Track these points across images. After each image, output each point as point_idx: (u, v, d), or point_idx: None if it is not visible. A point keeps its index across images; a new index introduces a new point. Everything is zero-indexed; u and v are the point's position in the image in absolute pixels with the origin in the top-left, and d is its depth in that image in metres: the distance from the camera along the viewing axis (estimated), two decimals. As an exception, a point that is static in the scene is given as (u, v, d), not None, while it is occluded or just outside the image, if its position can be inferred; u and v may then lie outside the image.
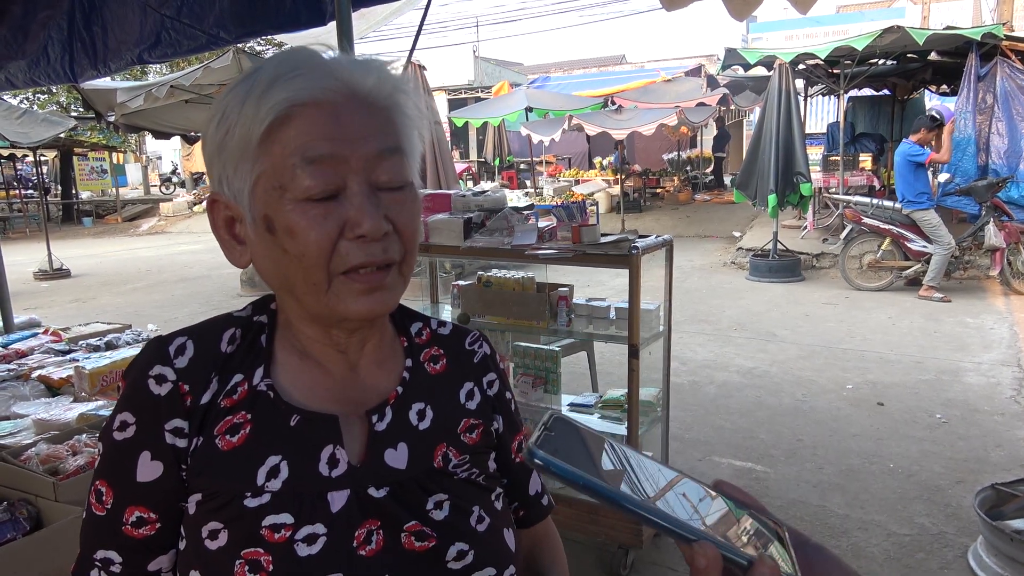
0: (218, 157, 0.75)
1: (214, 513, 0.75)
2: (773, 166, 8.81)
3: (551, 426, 0.58)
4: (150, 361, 0.79)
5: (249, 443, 0.77)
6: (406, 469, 0.80)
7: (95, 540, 0.79)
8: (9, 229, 19.61)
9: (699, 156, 20.17)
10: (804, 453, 4.17)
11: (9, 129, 9.58)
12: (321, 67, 0.73)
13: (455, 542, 0.79)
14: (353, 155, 0.72)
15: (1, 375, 3.27)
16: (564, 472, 0.54)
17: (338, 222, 0.72)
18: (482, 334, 0.99)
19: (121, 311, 8.51)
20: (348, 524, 0.76)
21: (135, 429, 0.77)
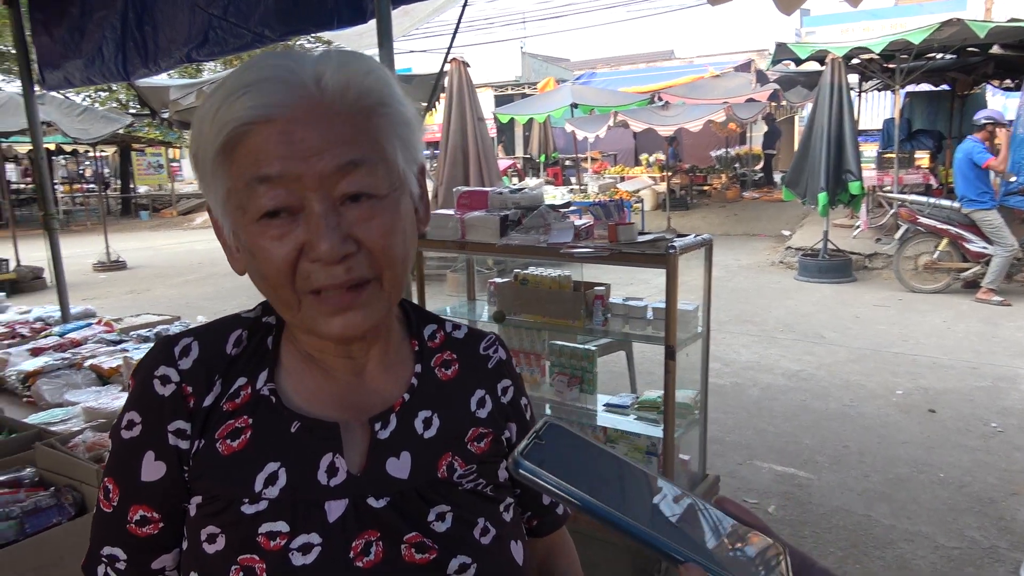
0: (198, 172, 0.74)
1: (212, 517, 0.75)
2: (824, 163, 8.58)
3: (543, 434, 0.55)
4: (156, 361, 0.79)
5: (249, 448, 0.76)
6: (408, 479, 0.78)
7: (102, 536, 0.80)
8: (72, 222, 20.35)
9: (748, 153, 19.79)
10: (850, 460, 4.05)
11: (70, 126, 9.93)
12: (277, 80, 0.68)
13: (457, 555, 0.77)
14: (307, 173, 0.68)
15: (56, 364, 3.38)
16: (550, 484, 0.51)
17: (296, 243, 0.69)
18: (498, 338, 0.95)
19: (173, 303, 8.76)
20: (344, 534, 0.74)
21: (140, 429, 0.77)
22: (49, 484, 2.10)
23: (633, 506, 0.52)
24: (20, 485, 2.06)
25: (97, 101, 19.45)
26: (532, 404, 0.96)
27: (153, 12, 3.71)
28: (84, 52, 4.13)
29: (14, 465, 2.17)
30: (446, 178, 8.57)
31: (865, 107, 13.90)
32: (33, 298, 9.11)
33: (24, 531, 1.85)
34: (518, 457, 0.52)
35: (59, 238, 4.53)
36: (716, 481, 3.34)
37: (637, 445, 3.13)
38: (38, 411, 2.90)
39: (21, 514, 1.88)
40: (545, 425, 0.56)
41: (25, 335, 4.16)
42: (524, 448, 0.53)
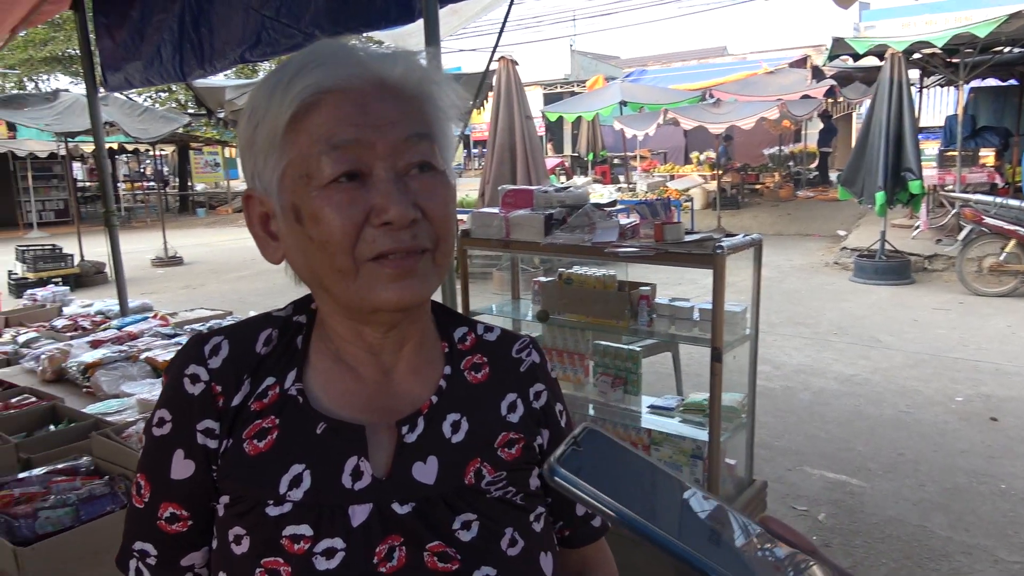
0: (249, 152, 0.75)
1: (239, 518, 0.75)
2: (882, 162, 8.32)
3: (581, 441, 0.52)
4: (186, 360, 0.79)
5: (275, 449, 0.76)
6: (434, 485, 0.77)
7: (134, 531, 0.80)
8: (132, 219, 21.07)
9: (803, 151, 19.34)
10: (905, 468, 3.92)
11: (131, 125, 10.27)
12: (348, 56, 0.72)
13: (481, 566, 0.75)
14: (379, 141, 0.70)
15: (113, 356, 3.49)
16: (586, 494, 0.49)
17: (364, 208, 0.70)
18: (533, 341, 0.93)
19: (226, 298, 8.98)
20: (368, 540, 0.73)
21: (171, 427, 0.78)
22: (104, 473, 2.17)
23: (672, 520, 0.49)
24: (77, 473, 2.13)
25: (157, 102, 20.08)
26: (575, 405, 0.94)
27: (209, 14, 3.80)
28: (144, 54, 4.25)
29: (72, 453, 2.25)
30: (493, 176, 8.58)
31: (926, 104, 13.43)
32: (95, 292, 9.46)
33: (79, 518, 1.91)
34: (554, 464, 0.50)
35: (119, 234, 4.68)
36: (763, 487, 3.27)
37: (682, 448, 3.08)
38: (96, 402, 3.00)
39: (77, 501, 1.95)
40: (584, 431, 0.53)
41: (86, 328, 4.31)
42: (561, 455, 0.50)
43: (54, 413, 2.71)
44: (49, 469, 2.12)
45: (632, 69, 22.30)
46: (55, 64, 19.58)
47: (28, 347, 3.90)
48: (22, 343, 4.03)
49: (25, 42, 18.35)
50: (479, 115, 15.76)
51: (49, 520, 1.87)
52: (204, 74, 4.14)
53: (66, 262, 10.63)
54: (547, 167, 10.72)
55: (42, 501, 1.93)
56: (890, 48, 8.55)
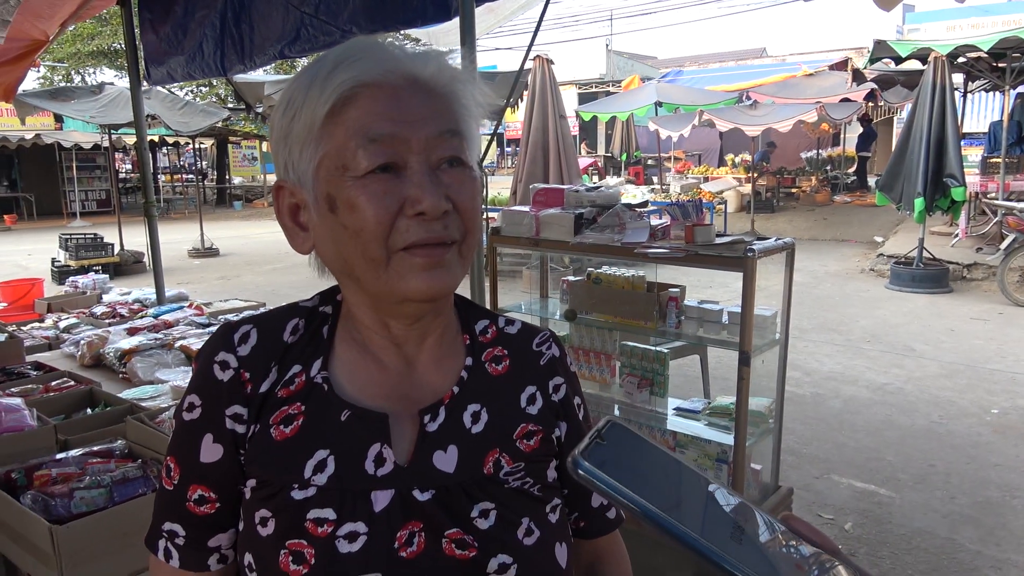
0: (284, 144, 0.77)
1: (265, 501, 0.77)
2: (922, 167, 8.15)
3: (605, 434, 0.52)
4: (216, 347, 0.81)
5: (300, 435, 0.78)
6: (454, 473, 0.78)
7: (164, 512, 0.82)
8: (171, 210, 21.49)
9: (841, 155, 19.03)
10: (935, 480, 3.85)
11: (172, 118, 10.47)
12: (383, 53, 0.75)
13: (497, 554, 0.76)
14: (414, 136, 0.73)
15: (150, 343, 3.57)
16: (609, 488, 0.49)
17: (398, 199, 0.73)
18: (553, 334, 0.94)
19: (260, 289, 9.13)
20: (390, 524, 0.75)
21: (200, 412, 0.80)
22: (137, 456, 2.23)
23: (695, 516, 0.49)
24: (111, 455, 2.19)
25: (198, 96, 20.46)
26: (600, 405, 0.95)
27: (250, 11, 3.87)
28: (186, 49, 4.34)
29: (107, 437, 2.31)
30: (525, 175, 8.59)
31: (970, 109, 13.13)
32: (134, 280, 9.68)
33: (113, 499, 1.96)
34: (578, 457, 0.49)
35: (158, 225, 4.78)
36: (789, 494, 3.24)
37: (707, 452, 3.06)
38: (131, 387, 3.08)
39: (111, 483, 2.00)
40: (607, 425, 0.53)
41: (124, 315, 4.42)
42: (585, 448, 0.50)
43: (91, 397, 2.79)
44: (85, 451, 2.18)
45: (668, 69, 22.13)
46: (101, 58, 20.05)
47: (68, 332, 4.02)
48: (63, 328, 4.15)
49: (73, 36, 18.84)
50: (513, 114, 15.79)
51: (84, 500, 1.93)
52: (244, 69, 4.21)
53: (107, 251, 10.89)
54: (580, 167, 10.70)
55: (77, 481, 1.99)
56: (933, 51, 8.38)
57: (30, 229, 17.51)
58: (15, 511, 1.88)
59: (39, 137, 17.22)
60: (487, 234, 3.35)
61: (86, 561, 1.81)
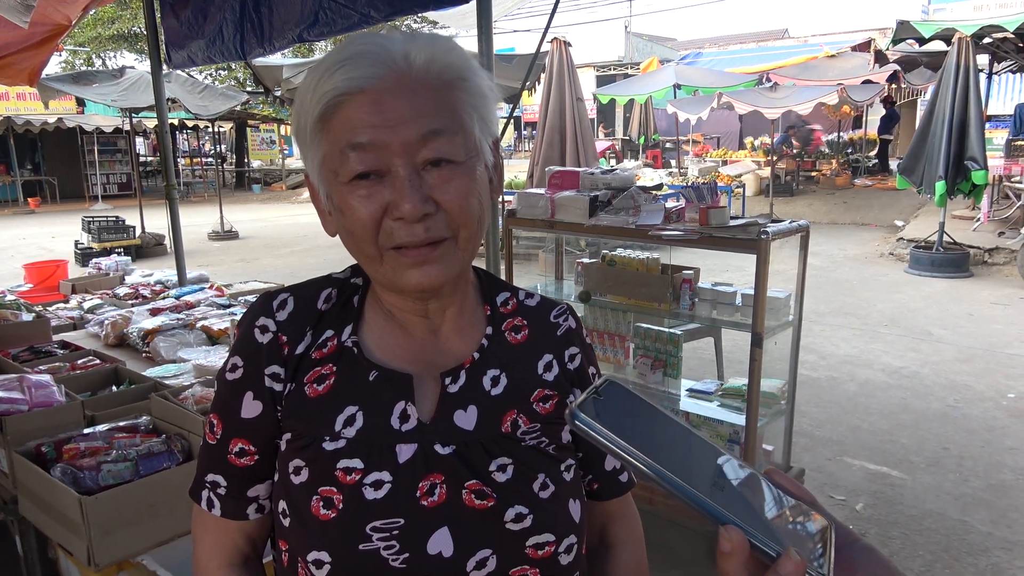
0: (299, 142, 0.83)
1: (299, 452, 0.84)
2: (944, 150, 8.05)
3: (602, 391, 0.56)
4: (257, 313, 0.89)
5: (332, 393, 0.85)
6: (473, 431, 0.84)
7: (207, 465, 0.91)
8: (191, 193, 21.68)
9: (862, 138, 18.78)
10: (949, 463, 3.85)
11: (192, 102, 10.55)
12: (370, 55, 0.76)
13: (515, 504, 0.82)
14: (394, 140, 0.75)
15: (172, 323, 3.65)
16: (604, 438, 0.52)
17: (381, 203, 0.77)
18: (570, 307, 1.00)
19: (279, 272, 9.23)
20: (412, 475, 0.81)
21: (242, 372, 0.87)
22: (161, 432, 2.29)
23: (684, 467, 0.53)
24: (136, 431, 2.26)
25: (217, 79, 20.56)
26: None
27: (269, -6, 3.90)
28: (206, 33, 4.38)
29: (132, 413, 2.38)
30: (542, 158, 8.58)
31: (995, 91, 12.90)
32: (155, 263, 9.81)
33: (138, 472, 2.03)
34: (575, 409, 0.53)
35: (179, 208, 4.84)
36: (800, 475, 3.27)
37: (720, 432, 3.10)
38: (154, 366, 3.16)
39: (136, 457, 2.07)
40: (605, 382, 0.57)
41: (146, 296, 4.51)
42: (581, 401, 0.54)
43: (116, 375, 2.86)
44: (111, 426, 2.25)
45: (688, 52, 21.89)
46: (122, 42, 20.19)
47: (92, 313, 4.11)
48: (87, 309, 4.24)
49: (94, 20, 18.97)
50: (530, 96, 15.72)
51: (111, 473, 2.00)
52: (263, 53, 4.24)
53: (128, 233, 11.03)
54: (597, 150, 10.66)
55: (105, 455, 2.06)
56: (958, 32, 8.23)
57: (53, 212, 17.75)
58: (46, 483, 1.96)
59: (61, 121, 17.41)
60: (503, 216, 3.38)
61: (113, 531, 1.88)
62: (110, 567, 1.91)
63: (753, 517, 0.52)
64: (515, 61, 8.37)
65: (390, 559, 0.79)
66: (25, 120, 17.31)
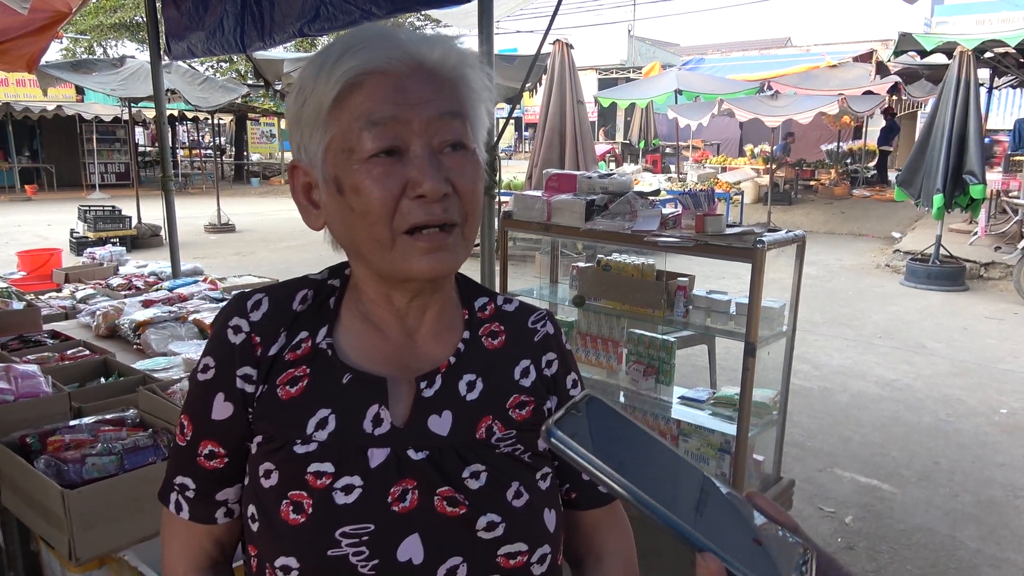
0: (296, 126, 0.81)
1: (269, 455, 0.82)
2: (942, 163, 8.06)
3: (581, 407, 0.54)
4: (230, 313, 0.88)
5: (305, 395, 0.83)
6: (447, 436, 0.83)
7: (176, 467, 0.89)
8: (189, 185, 21.62)
9: (862, 148, 18.82)
10: (939, 477, 3.85)
11: (192, 93, 10.52)
12: (388, 40, 0.77)
13: (487, 512, 0.80)
14: (415, 118, 0.76)
15: (164, 316, 3.63)
16: (580, 457, 0.51)
17: (400, 181, 0.76)
18: (549, 313, 0.99)
19: (274, 266, 9.20)
20: (384, 480, 0.79)
21: (214, 372, 0.86)
22: (148, 426, 2.27)
23: (662, 489, 0.51)
24: (123, 424, 2.24)
25: (219, 72, 20.50)
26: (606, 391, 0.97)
27: (271, -12, 3.88)
28: (206, 25, 4.36)
29: (120, 406, 2.36)
30: (541, 160, 8.58)
31: (995, 105, 12.93)
32: (150, 254, 9.78)
33: (123, 466, 2.01)
34: (551, 426, 0.51)
35: (175, 199, 4.82)
36: (790, 485, 3.26)
37: (711, 441, 3.08)
38: (145, 358, 3.13)
39: (122, 450, 2.05)
40: (584, 398, 0.56)
41: (140, 287, 4.48)
42: (559, 418, 0.52)
43: (105, 367, 2.84)
44: (98, 419, 2.23)
45: (690, 57, 21.90)
46: (123, 31, 20.11)
47: (85, 303, 4.08)
48: (80, 299, 4.22)
49: (96, 8, 18.89)
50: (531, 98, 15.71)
51: (95, 466, 1.98)
52: (263, 46, 4.22)
53: (124, 223, 10.99)
54: (596, 153, 10.66)
55: (90, 448, 2.03)
56: (959, 46, 8.25)
57: (50, 200, 17.69)
58: (29, 475, 1.94)
59: (61, 109, 17.35)
60: (498, 218, 3.36)
61: (96, 525, 1.86)
62: (91, 562, 1.89)
63: (732, 543, 0.50)
64: (517, 62, 8.36)
65: (359, 565, 0.77)
66: (24, 107, 17.24)
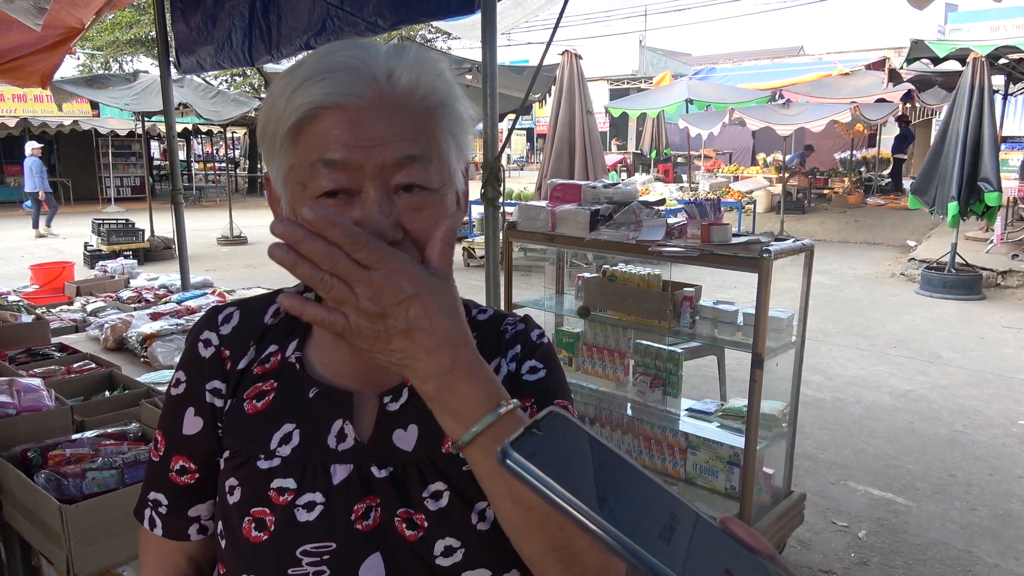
0: (263, 144, 0.78)
1: (234, 471, 0.81)
2: (957, 171, 7.97)
3: (543, 425, 0.50)
4: (202, 328, 0.87)
5: (270, 409, 0.82)
6: (412, 451, 0.80)
7: (150, 482, 0.88)
8: (203, 198, 21.80)
9: (875, 156, 18.69)
10: (955, 490, 3.77)
11: (204, 107, 10.61)
12: (353, 70, 0.72)
13: (445, 536, 0.77)
14: (368, 162, 0.71)
15: (171, 328, 3.63)
16: (537, 481, 0.46)
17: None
18: (526, 317, 0.93)
19: (285, 278, 9.00)
20: (347, 497, 0.78)
21: (185, 387, 0.85)
22: (150, 439, 2.26)
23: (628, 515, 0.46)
24: (125, 438, 2.23)
25: (232, 85, 20.71)
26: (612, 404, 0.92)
27: (278, 2, 3.90)
28: (215, 39, 4.39)
29: (122, 419, 2.36)
30: (550, 171, 8.57)
31: (1010, 112, 12.79)
32: (162, 266, 9.84)
33: (124, 481, 2.00)
34: (507, 447, 0.46)
35: (185, 213, 4.83)
36: (801, 499, 3.20)
37: (719, 454, 3.04)
38: (151, 371, 3.13)
39: (123, 464, 2.04)
40: (547, 415, 0.51)
41: (149, 300, 4.50)
42: (517, 438, 0.47)
43: (111, 380, 2.84)
44: (100, 432, 2.22)
45: (701, 67, 21.88)
46: (138, 46, 20.37)
47: (95, 316, 4.10)
48: (90, 311, 4.24)
49: (112, 25, 19.16)
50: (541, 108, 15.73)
51: (95, 481, 1.97)
52: (271, 60, 4.24)
53: (137, 236, 11.08)
54: (607, 163, 10.64)
55: (90, 462, 2.03)
56: (973, 52, 8.18)
57: (66, 213, 17.86)
58: (28, 489, 1.93)
59: (77, 123, 17.57)
60: (503, 229, 3.35)
61: (94, 541, 1.85)
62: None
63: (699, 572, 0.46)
64: (526, 73, 8.37)
65: None
66: (41, 122, 17.48)
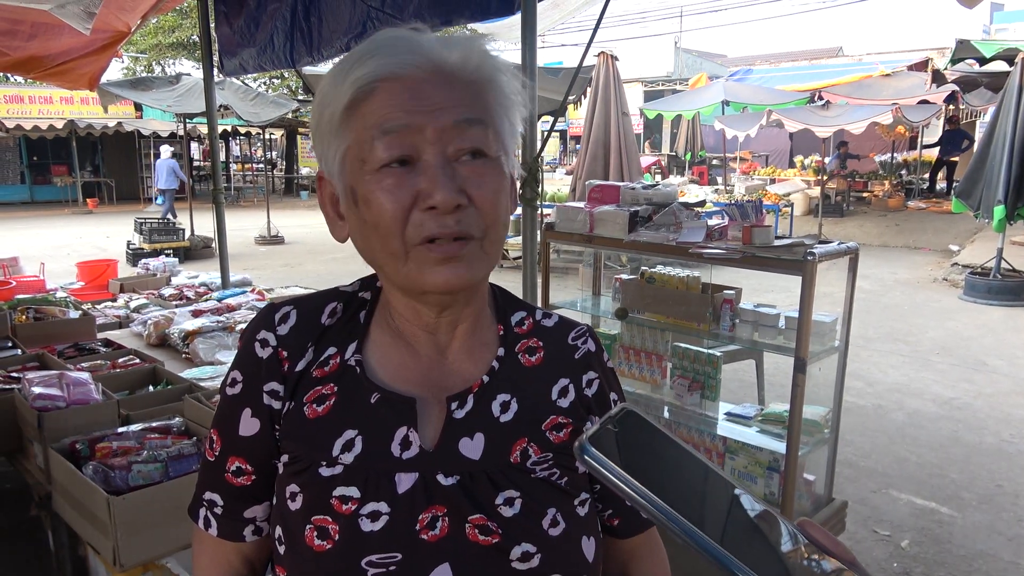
0: (318, 136, 0.79)
1: (295, 476, 0.79)
2: (1004, 174, 7.76)
3: (618, 422, 0.51)
4: (258, 326, 0.85)
5: (331, 414, 0.80)
6: (479, 460, 0.79)
7: (205, 482, 0.87)
8: (241, 198, 22.16)
9: (917, 159, 18.29)
10: (1002, 501, 3.67)
11: (244, 109, 10.79)
12: (404, 44, 0.74)
13: (521, 542, 0.76)
14: (428, 125, 0.72)
15: (212, 325, 3.69)
16: (614, 475, 0.47)
17: (411, 192, 0.72)
18: (589, 329, 0.93)
19: (321, 278, 9.33)
20: (412, 507, 0.76)
21: (241, 387, 0.84)
22: (193, 434, 2.30)
23: (706, 514, 0.46)
24: (169, 432, 2.27)
25: (270, 88, 21.03)
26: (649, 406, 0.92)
27: (319, 4, 3.96)
28: (258, 41, 4.46)
29: (166, 414, 2.40)
30: (585, 172, 8.54)
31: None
32: (202, 264, 10.01)
33: (168, 474, 2.04)
34: (585, 442, 0.48)
35: (226, 212, 4.92)
36: (843, 507, 3.14)
37: (758, 459, 3.00)
38: (193, 367, 3.19)
39: (167, 458, 2.08)
40: (621, 411, 0.52)
41: (190, 298, 4.58)
42: (593, 433, 0.49)
43: (155, 375, 2.90)
44: (145, 426, 2.27)
45: (737, 68, 21.63)
46: (181, 49, 20.82)
47: (138, 312, 4.19)
48: (133, 308, 4.33)
49: (156, 29, 19.61)
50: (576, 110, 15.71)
51: (141, 473, 2.01)
52: (312, 62, 4.30)
53: (178, 235, 11.30)
54: (641, 165, 10.57)
55: (136, 455, 2.07)
56: (1021, 52, 7.96)
57: (110, 212, 18.33)
58: (77, 480, 1.98)
59: (120, 125, 18.03)
60: (541, 230, 3.34)
61: (140, 531, 1.88)
62: (135, 568, 1.91)
63: (768, 569, 0.45)
64: (561, 74, 8.36)
65: None
66: (87, 124, 17.95)
